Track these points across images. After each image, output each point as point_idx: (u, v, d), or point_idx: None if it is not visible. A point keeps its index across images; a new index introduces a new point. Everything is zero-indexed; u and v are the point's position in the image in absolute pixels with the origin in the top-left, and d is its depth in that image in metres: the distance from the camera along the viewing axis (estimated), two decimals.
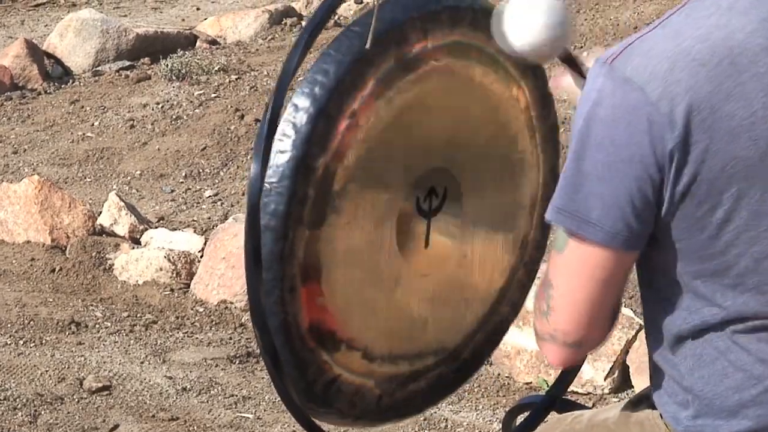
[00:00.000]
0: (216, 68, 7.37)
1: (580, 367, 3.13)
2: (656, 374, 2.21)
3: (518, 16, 2.39)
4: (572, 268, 2.10)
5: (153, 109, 6.95)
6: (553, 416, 2.92)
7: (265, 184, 2.51)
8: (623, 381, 4.42)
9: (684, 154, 1.99)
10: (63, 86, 7.46)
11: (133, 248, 5.37)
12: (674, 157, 1.99)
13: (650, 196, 2.01)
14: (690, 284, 2.09)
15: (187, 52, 7.79)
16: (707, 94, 1.98)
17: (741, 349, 2.09)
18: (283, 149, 2.51)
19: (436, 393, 2.92)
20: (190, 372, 4.59)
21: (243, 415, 4.34)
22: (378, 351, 2.73)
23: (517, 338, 4.43)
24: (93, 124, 6.88)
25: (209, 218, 5.79)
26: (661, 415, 2.22)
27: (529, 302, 4.60)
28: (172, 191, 6.14)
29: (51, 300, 5.08)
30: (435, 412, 4.33)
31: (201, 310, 5.05)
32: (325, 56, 2.58)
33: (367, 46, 2.54)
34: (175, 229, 5.53)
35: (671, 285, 2.11)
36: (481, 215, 2.82)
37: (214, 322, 4.96)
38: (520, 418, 3.04)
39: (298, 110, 2.52)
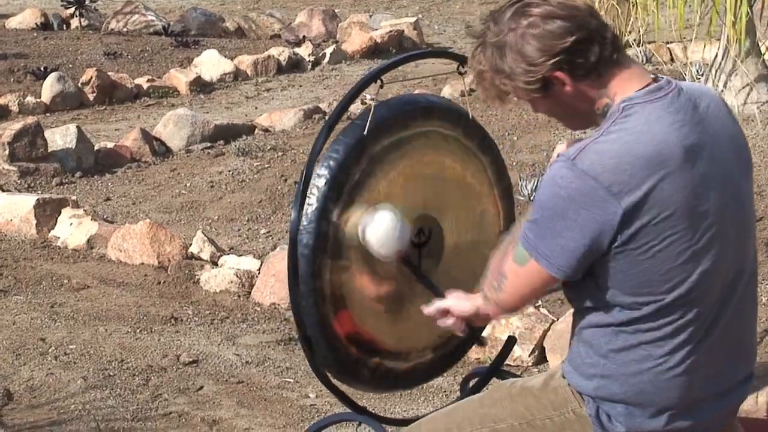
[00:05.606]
0: (268, 147, 7.37)
1: (512, 347, 3.12)
2: (575, 350, 2.19)
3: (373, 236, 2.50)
4: (524, 278, 2.12)
5: (226, 175, 6.94)
6: (495, 381, 2.92)
7: (300, 226, 2.51)
8: (541, 357, 4.40)
9: (631, 218, 2.01)
10: (165, 159, 7.45)
11: (213, 268, 5.35)
12: (623, 221, 2.01)
13: (602, 247, 2.04)
14: (620, 294, 2.10)
15: (248, 137, 7.78)
16: (643, 177, 2.00)
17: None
18: (311, 203, 2.51)
19: (435, 370, 2.90)
20: (251, 351, 4.57)
21: (286, 379, 4.31)
22: (385, 345, 2.69)
23: None
24: (186, 185, 6.88)
25: (263, 248, 5.77)
26: (569, 383, 2.20)
27: None
28: (239, 230, 6.12)
29: (158, 302, 5.06)
30: None
31: (258, 309, 5.02)
32: (337, 140, 2.57)
33: (365, 133, 2.52)
34: (241, 255, 5.50)
35: (611, 295, 2.11)
36: (456, 246, 2.77)
37: (267, 318, 4.93)
38: (472, 382, 3.04)
39: (319, 177, 2.51)
